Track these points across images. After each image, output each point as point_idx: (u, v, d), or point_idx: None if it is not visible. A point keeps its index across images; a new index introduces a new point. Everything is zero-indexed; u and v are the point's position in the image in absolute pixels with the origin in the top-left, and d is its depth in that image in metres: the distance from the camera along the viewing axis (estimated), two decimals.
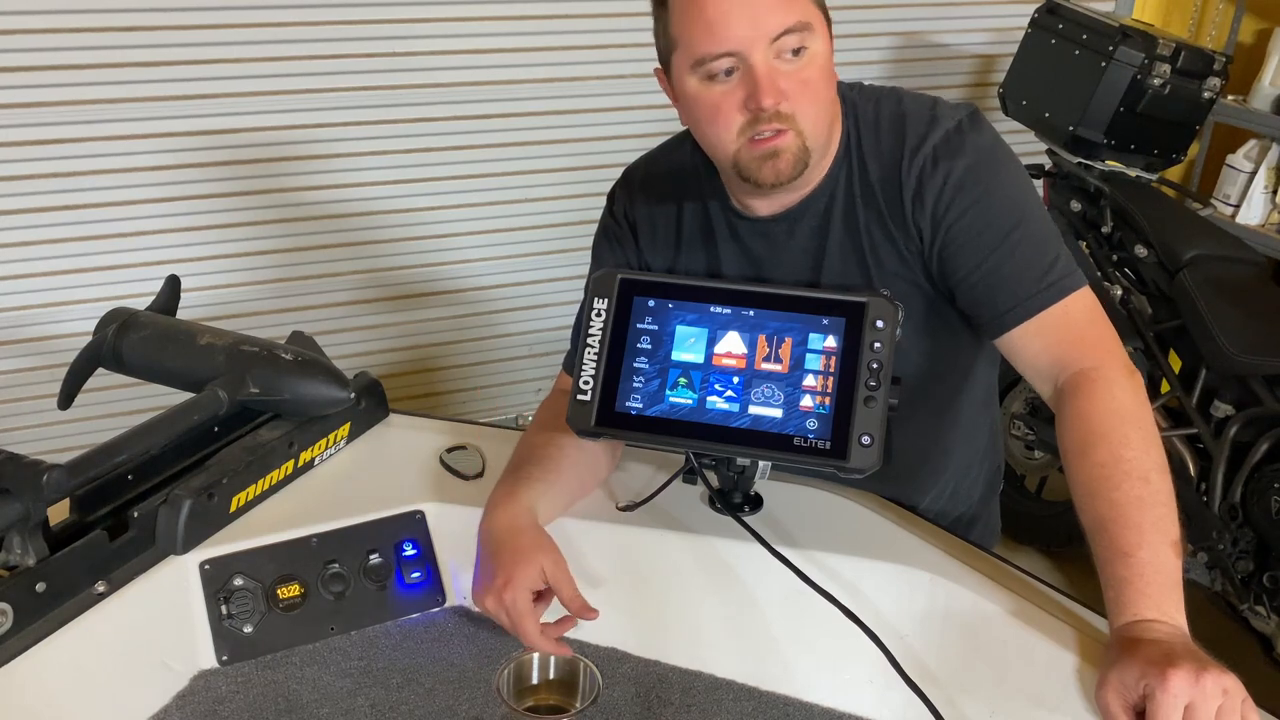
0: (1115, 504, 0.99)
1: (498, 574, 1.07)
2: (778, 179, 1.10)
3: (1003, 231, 1.11)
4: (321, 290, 2.63)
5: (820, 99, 1.09)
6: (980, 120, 1.15)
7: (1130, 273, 2.39)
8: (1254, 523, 2.15)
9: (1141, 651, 0.90)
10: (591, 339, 1.11)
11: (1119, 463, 1.01)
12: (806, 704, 1.09)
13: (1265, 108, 2.82)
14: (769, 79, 1.05)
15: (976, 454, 1.37)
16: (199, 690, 1.07)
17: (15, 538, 0.98)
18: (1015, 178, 1.15)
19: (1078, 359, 1.10)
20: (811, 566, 1.07)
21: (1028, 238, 1.12)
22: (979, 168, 1.12)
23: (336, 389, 1.23)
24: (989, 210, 1.12)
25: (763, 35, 1.04)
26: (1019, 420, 2.63)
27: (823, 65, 1.09)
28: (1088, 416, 1.06)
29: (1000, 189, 1.13)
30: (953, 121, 1.14)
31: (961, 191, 1.12)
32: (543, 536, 1.11)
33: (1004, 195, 1.13)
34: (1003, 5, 2.94)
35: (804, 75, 1.07)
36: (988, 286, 1.13)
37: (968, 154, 1.12)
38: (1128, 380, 1.08)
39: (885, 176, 1.15)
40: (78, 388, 1.27)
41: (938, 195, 1.12)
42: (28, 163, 2.26)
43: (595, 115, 2.67)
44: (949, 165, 1.12)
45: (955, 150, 1.12)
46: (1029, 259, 1.11)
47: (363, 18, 2.40)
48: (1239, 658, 0.89)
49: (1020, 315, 1.11)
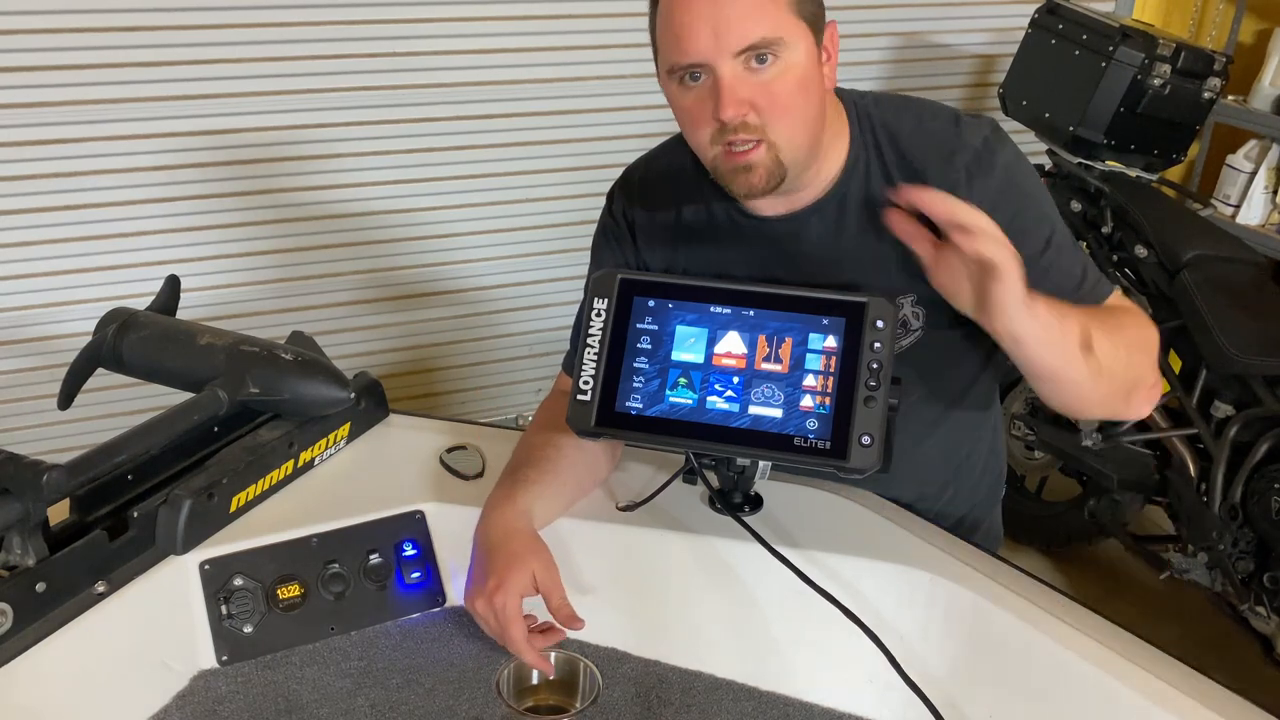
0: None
1: (489, 577, 1.07)
2: (750, 192, 1.10)
3: (1037, 249, 1.12)
4: (321, 290, 2.63)
5: (795, 111, 1.08)
6: (1003, 136, 1.16)
7: (1130, 273, 2.39)
8: (1254, 523, 2.15)
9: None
10: (591, 339, 1.11)
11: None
12: (806, 704, 1.09)
13: (1265, 108, 2.82)
14: (730, 91, 1.05)
15: (979, 460, 1.37)
16: (199, 690, 1.07)
17: (15, 538, 0.98)
18: (1040, 191, 1.17)
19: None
20: (811, 566, 1.07)
21: (1061, 252, 1.14)
22: (1009, 187, 1.13)
23: (336, 389, 1.23)
24: (1023, 227, 1.11)
25: (725, 49, 1.04)
26: (1019, 420, 2.63)
27: (800, 77, 1.07)
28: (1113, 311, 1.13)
29: (1030, 206, 1.14)
30: (979, 139, 1.14)
31: (996, 212, 1.11)
32: (536, 541, 1.11)
33: (1035, 212, 1.14)
34: (1003, 5, 2.94)
35: (774, 88, 1.06)
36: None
37: (998, 172, 1.13)
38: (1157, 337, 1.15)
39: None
40: (78, 388, 1.27)
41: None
42: (28, 163, 2.26)
43: (596, 115, 2.67)
44: (984, 182, 1.12)
45: (986, 169, 1.13)
46: (1065, 272, 1.14)
47: (364, 18, 2.40)
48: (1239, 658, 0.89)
49: None
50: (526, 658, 1.05)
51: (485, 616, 1.07)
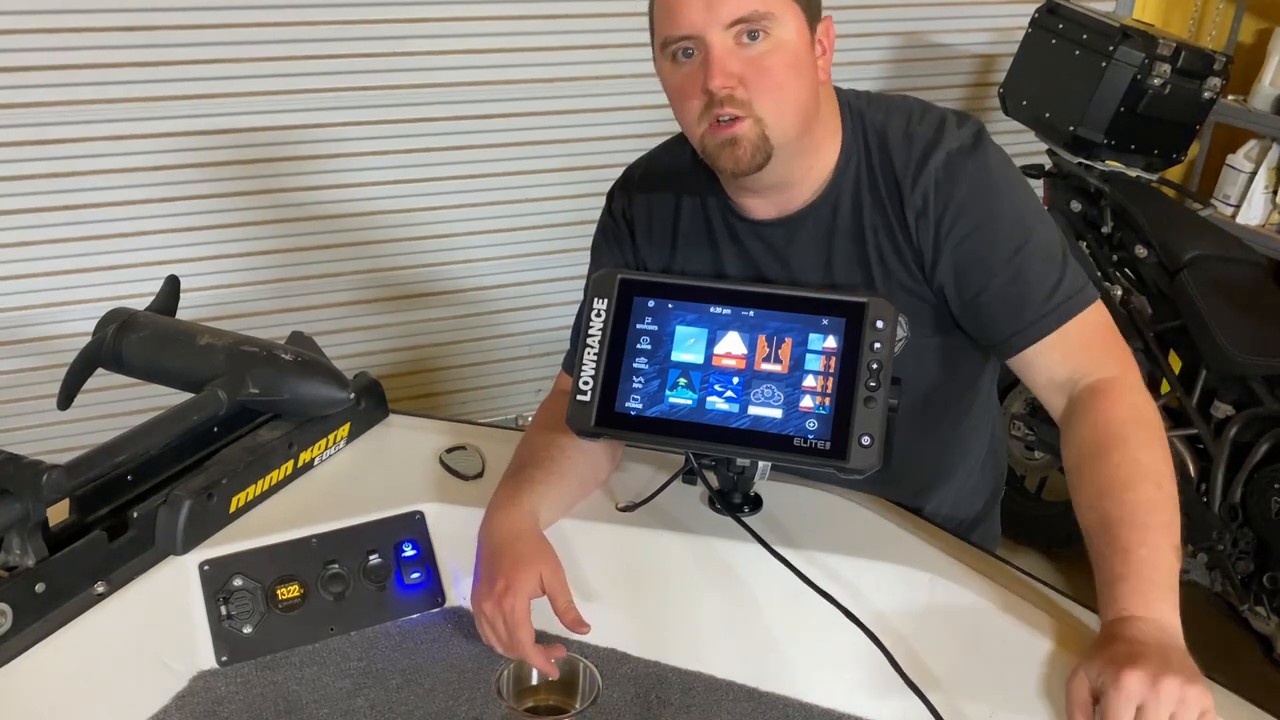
0: (1126, 504, 0.99)
1: (497, 579, 1.07)
2: (736, 166, 1.10)
3: (1005, 255, 1.11)
4: (321, 290, 2.63)
5: (784, 89, 1.08)
6: (985, 140, 1.15)
7: (1130, 273, 2.39)
8: (1254, 523, 2.15)
9: (1113, 647, 0.90)
10: (591, 339, 1.11)
11: (1136, 465, 1.01)
12: (806, 704, 1.09)
13: (1265, 108, 2.82)
14: (720, 63, 1.05)
15: (978, 462, 1.37)
16: (199, 691, 1.07)
17: (15, 538, 0.98)
18: (1019, 198, 1.15)
19: (1097, 368, 1.10)
20: (811, 567, 1.07)
21: (1031, 260, 1.12)
22: (981, 191, 1.12)
23: (336, 389, 1.23)
24: (992, 234, 1.11)
25: (716, 21, 1.05)
26: (1019, 420, 2.63)
27: (791, 55, 1.08)
28: (1108, 420, 1.05)
29: (1004, 212, 1.13)
30: (956, 143, 1.13)
31: (964, 215, 1.11)
32: (543, 543, 1.11)
33: (1007, 218, 1.13)
34: (1003, 5, 2.94)
35: (763, 62, 1.06)
36: (993, 311, 1.13)
37: (970, 176, 1.12)
38: (1144, 390, 1.09)
39: (892, 192, 1.14)
40: (77, 388, 1.27)
41: (939, 217, 1.12)
42: (28, 163, 2.26)
43: (595, 115, 2.67)
44: (950, 189, 1.12)
45: (957, 173, 1.12)
46: (1033, 282, 1.11)
47: (363, 18, 2.40)
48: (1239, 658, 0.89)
49: (1028, 339, 1.11)
50: (534, 661, 1.05)
51: (493, 619, 1.07)
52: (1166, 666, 0.86)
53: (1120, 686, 0.85)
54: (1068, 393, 1.12)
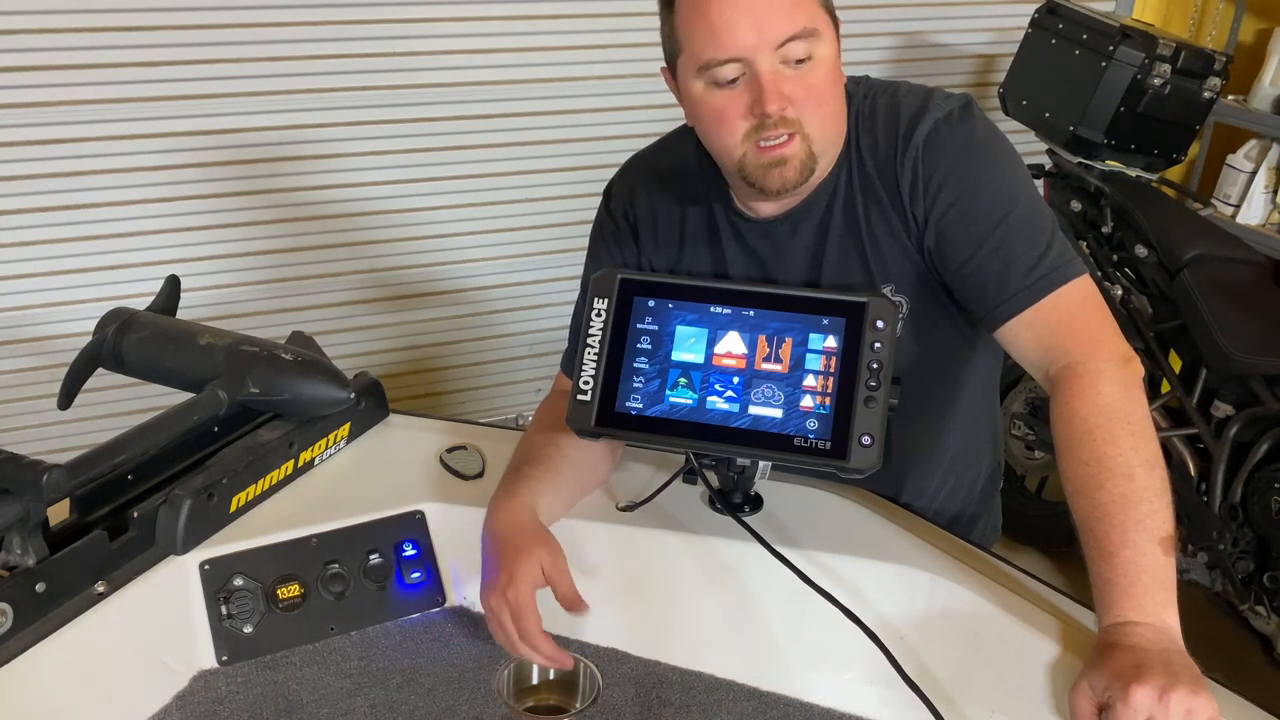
0: (1098, 503, 0.98)
1: (500, 572, 1.07)
2: (784, 186, 1.10)
3: (990, 225, 1.10)
4: (321, 290, 2.63)
5: (827, 104, 1.09)
6: (972, 110, 1.14)
7: (1130, 273, 2.39)
8: (1254, 523, 2.14)
9: (1115, 658, 0.89)
10: (591, 339, 1.11)
11: (1102, 460, 1.00)
12: (806, 704, 1.09)
13: (1265, 108, 2.82)
14: (774, 85, 1.04)
15: (977, 448, 1.36)
16: (199, 690, 1.07)
17: (15, 538, 0.98)
18: (1006, 168, 1.13)
19: (1064, 353, 1.07)
20: (811, 566, 1.07)
21: (1016, 230, 1.10)
22: (967, 159, 1.11)
23: (336, 389, 1.23)
24: (976, 203, 1.10)
25: (767, 42, 1.03)
26: (1019, 420, 2.63)
27: (829, 70, 1.08)
28: (1072, 414, 1.04)
29: (990, 181, 1.12)
30: (943, 111, 1.13)
31: (948, 184, 1.11)
32: (542, 532, 1.11)
33: (993, 187, 1.11)
34: (1003, 5, 2.94)
35: (809, 80, 1.06)
36: (978, 281, 1.11)
37: (957, 145, 1.11)
38: (1117, 372, 1.05)
39: (882, 170, 1.14)
40: (77, 388, 1.27)
41: (925, 187, 1.11)
42: (28, 163, 2.26)
43: (595, 115, 2.67)
44: (935, 158, 1.11)
45: (943, 141, 1.11)
46: (1017, 252, 1.09)
47: (363, 18, 2.40)
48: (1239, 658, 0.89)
49: (1011, 309, 1.10)
50: (544, 649, 1.04)
51: (500, 612, 1.06)
52: (1173, 678, 0.86)
53: (1129, 703, 0.85)
54: (1045, 374, 1.10)
